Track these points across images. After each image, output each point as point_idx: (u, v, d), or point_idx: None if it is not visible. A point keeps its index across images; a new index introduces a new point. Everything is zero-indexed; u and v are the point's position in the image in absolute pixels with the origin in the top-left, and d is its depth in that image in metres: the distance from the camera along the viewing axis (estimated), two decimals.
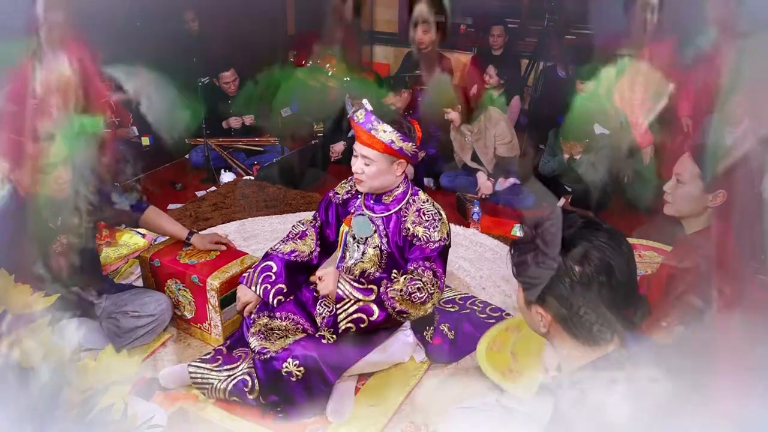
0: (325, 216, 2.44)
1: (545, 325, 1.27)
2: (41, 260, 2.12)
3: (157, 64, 4.87)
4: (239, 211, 3.81)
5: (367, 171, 2.14)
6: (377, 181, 2.17)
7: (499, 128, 4.08)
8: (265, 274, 2.29)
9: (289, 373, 2.05)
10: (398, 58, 6.21)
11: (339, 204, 2.41)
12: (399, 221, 2.22)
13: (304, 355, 2.07)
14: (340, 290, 2.08)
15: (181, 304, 2.52)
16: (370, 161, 2.13)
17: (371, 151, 2.11)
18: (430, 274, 2.12)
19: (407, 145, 2.12)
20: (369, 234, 2.26)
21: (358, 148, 2.15)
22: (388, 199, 2.23)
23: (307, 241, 2.40)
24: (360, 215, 2.28)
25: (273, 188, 4.14)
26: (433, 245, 2.15)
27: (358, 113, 2.13)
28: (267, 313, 2.26)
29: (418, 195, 2.25)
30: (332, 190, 2.44)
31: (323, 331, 2.17)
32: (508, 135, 4.10)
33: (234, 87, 4.71)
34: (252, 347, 2.15)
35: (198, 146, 4.56)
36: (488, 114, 4.09)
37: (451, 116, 4.10)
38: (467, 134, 4.14)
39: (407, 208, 2.22)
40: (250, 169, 4.47)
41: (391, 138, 2.08)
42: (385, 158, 2.12)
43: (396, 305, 2.07)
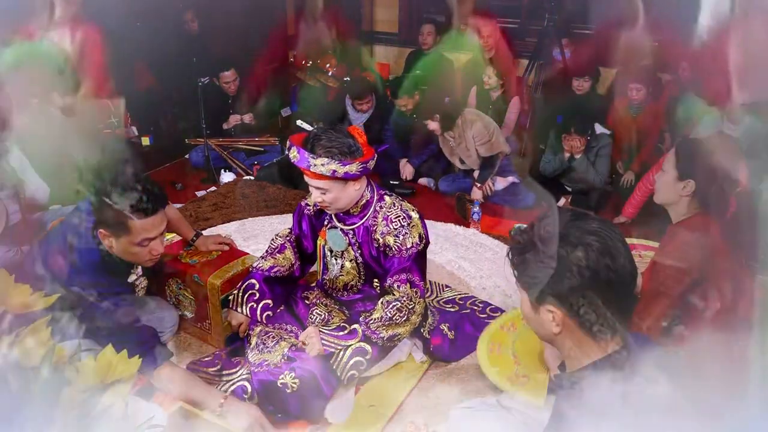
0: (299, 228, 2.42)
1: (558, 324, 1.24)
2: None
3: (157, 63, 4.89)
4: (239, 211, 3.81)
5: (326, 198, 2.10)
6: (340, 203, 2.13)
7: (475, 128, 4.05)
8: (249, 293, 2.30)
9: (284, 385, 2.06)
10: (398, 58, 6.22)
11: (312, 215, 2.38)
12: (369, 232, 2.20)
13: (302, 368, 2.08)
14: (327, 345, 2.10)
15: (182, 304, 2.52)
16: (324, 190, 2.09)
17: (321, 182, 2.07)
18: (407, 287, 2.12)
19: (351, 167, 2.03)
20: (343, 247, 2.25)
21: (309, 181, 2.10)
22: (355, 210, 2.20)
23: (286, 255, 2.39)
24: (332, 228, 2.27)
25: (273, 188, 4.14)
26: (406, 252, 2.13)
27: (292, 153, 2.06)
28: (260, 323, 2.28)
29: (384, 200, 2.20)
30: (304, 200, 2.41)
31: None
32: (486, 134, 4.06)
33: (234, 87, 4.71)
34: (251, 362, 2.15)
35: (198, 146, 4.56)
36: (464, 117, 4.08)
37: (432, 126, 4.12)
38: (450, 140, 4.15)
39: (375, 217, 2.18)
40: (250, 169, 4.47)
41: (331, 168, 2.01)
42: (337, 182, 2.07)
43: (382, 334, 2.10)
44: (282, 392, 2.06)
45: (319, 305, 2.36)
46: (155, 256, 2.05)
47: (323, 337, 2.11)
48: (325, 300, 2.40)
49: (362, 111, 4.73)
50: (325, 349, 2.09)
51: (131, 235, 1.94)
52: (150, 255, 2.02)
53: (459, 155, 4.17)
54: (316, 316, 2.33)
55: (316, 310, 2.34)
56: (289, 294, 2.42)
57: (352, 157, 2.04)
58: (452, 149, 4.20)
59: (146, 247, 1.99)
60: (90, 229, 2.00)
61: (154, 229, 1.97)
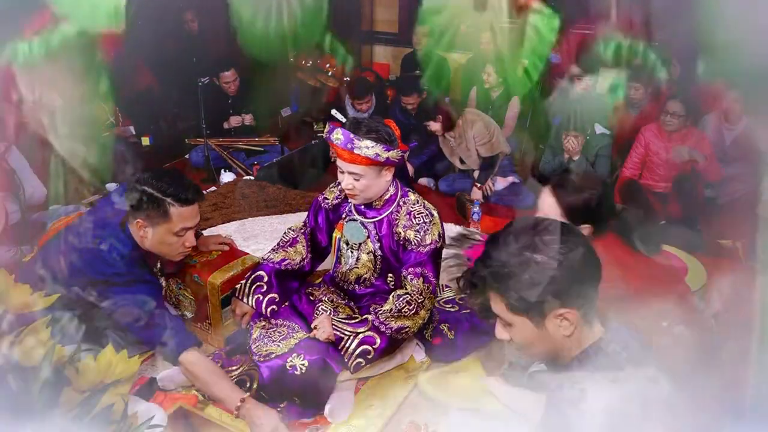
0: (315, 221, 2.43)
1: (573, 323, 1.24)
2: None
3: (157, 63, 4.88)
4: (239, 211, 3.81)
5: (357, 185, 2.12)
6: (370, 192, 2.16)
7: (476, 128, 4.07)
8: (256, 285, 2.30)
9: (293, 367, 2.06)
10: (398, 58, 6.22)
11: (329, 209, 2.39)
12: (391, 225, 2.22)
13: (310, 352, 2.08)
14: (337, 330, 2.10)
15: (182, 304, 2.52)
16: (358, 176, 2.10)
17: (357, 167, 2.08)
18: (420, 281, 2.12)
19: (393, 154, 2.08)
20: (362, 239, 2.26)
21: (343, 165, 2.10)
22: (379, 203, 2.23)
23: (298, 248, 2.39)
24: (352, 220, 2.28)
25: (273, 188, 4.14)
26: (424, 248, 2.15)
27: (334, 135, 2.06)
28: (264, 318, 2.27)
29: (408, 196, 2.24)
30: (321, 194, 2.43)
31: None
32: (486, 134, 4.07)
33: (234, 87, 4.71)
34: (256, 352, 2.15)
35: (198, 146, 4.56)
36: (465, 117, 4.10)
37: (434, 127, 4.14)
38: (450, 140, 4.15)
39: (398, 211, 2.21)
40: (250, 169, 4.47)
41: (375, 152, 2.04)
42: (373, 168, 2.09)
43: (392, 325, 2.10)
44: (290, 376, 2.06)
45: (325, 301, 2.36)
46: (187, 249, 2.12)
47: (334, 323, 2.11)
48: (331, 296, 2.40)
49: (362, 111, 4.73)
50: (335, 334, 2.09)
51: (171, 222, 2.01)
52: (183, 247, 2.10)
53: (459, 155, 4.18)
54: (322, 311, 2.32)
55: (322, 306, 2.33)
56: (296, 290, 2.41)
57: (392, 145, 2.08)
58: (452, 149, 4.21)
59: (182, 238, 2.06)
60: (118, 224, 2.05)
61: (192, 218, 2.06)
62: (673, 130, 3.60)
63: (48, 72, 2.56)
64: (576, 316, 1.24)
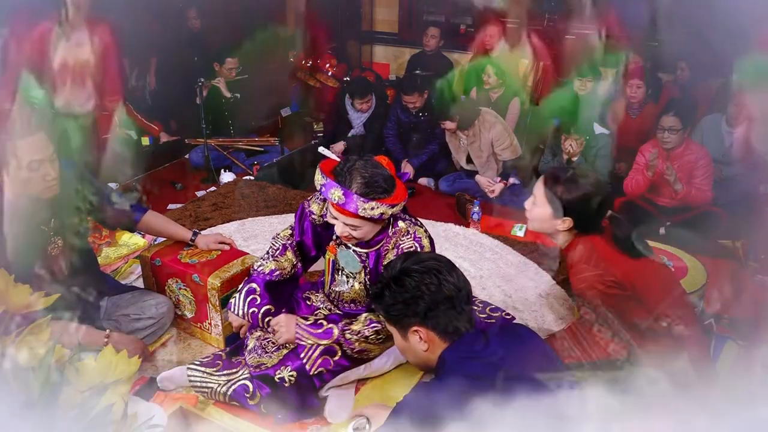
0: (301, 229, 2.36)
1: (424, 339, 1.63)
2: (39, 261, 2.09)
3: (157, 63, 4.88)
4: (239, 211, 3.81)
5: (356, 234, 2.03)
6: (369, 235, 2.09)
7: (495, 131, 4.07)
8: (250, 298, 2.26)
9: (282, 380, 2.06)
10: (398, 58, 6.22)
11: (318, 224, 2.31)
12: (379, 258, 2.17)
13: (296, 362, 2.09)
14: (300, 338, 2.09)
15: (182, 304, 2.52)
16: (356, 227, 2.00)
17: (357, 220, 1.97)
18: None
19: (396, 209, 1.98)
20: (357, 270, 2.21)
21: (340, 217, 1.97)
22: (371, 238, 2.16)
23: (287, 256, 2.34)
24: (345, 246, 2.21)
25: (273, 188, 4.14)
26: None
27: (333, 194, 1.91)
28: (261, 329, 2.27)
29: (398, 226, 2.13)
30: (307, 203, 2.34)
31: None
32: (507, 138, 4.08)
33: (233, 74, 4.77)
34: (249, 364, 2.15)
35: (198, 146, 4.56)
36: (482, 118, 4.09)
37: (449, 127, 4.14)
38: (462, 137, 4.15)
39: (387, 242, 2.14)
40: (250, 169, 4.47)
41: (380, 212, 1.93)
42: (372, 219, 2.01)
43: (354, 346, 2.09)
44: (281, 387, 2.06)
45: (323, 309, 2.36)
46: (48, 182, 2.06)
47: (298, 330, 2.11)
48: (328, 304, 2.39)
49: (362, 111, 4.73)
50: (297, 339, 2.09)
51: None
52: (44, 182, 2.03)
53: (469, 154, 4.16)
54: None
55: (321, 312, 2.33)
56: (291, 295, 2.40)
57: (390, 193, 1.97)
58: (459, 147, 4.19)
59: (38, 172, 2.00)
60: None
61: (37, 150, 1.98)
62: (672, 147, 3.40)
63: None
64: (427, 333, 1.58)
